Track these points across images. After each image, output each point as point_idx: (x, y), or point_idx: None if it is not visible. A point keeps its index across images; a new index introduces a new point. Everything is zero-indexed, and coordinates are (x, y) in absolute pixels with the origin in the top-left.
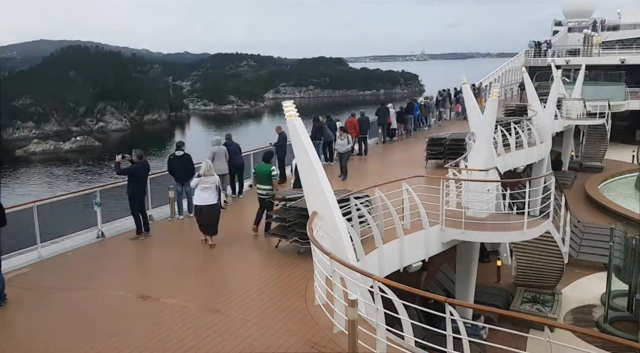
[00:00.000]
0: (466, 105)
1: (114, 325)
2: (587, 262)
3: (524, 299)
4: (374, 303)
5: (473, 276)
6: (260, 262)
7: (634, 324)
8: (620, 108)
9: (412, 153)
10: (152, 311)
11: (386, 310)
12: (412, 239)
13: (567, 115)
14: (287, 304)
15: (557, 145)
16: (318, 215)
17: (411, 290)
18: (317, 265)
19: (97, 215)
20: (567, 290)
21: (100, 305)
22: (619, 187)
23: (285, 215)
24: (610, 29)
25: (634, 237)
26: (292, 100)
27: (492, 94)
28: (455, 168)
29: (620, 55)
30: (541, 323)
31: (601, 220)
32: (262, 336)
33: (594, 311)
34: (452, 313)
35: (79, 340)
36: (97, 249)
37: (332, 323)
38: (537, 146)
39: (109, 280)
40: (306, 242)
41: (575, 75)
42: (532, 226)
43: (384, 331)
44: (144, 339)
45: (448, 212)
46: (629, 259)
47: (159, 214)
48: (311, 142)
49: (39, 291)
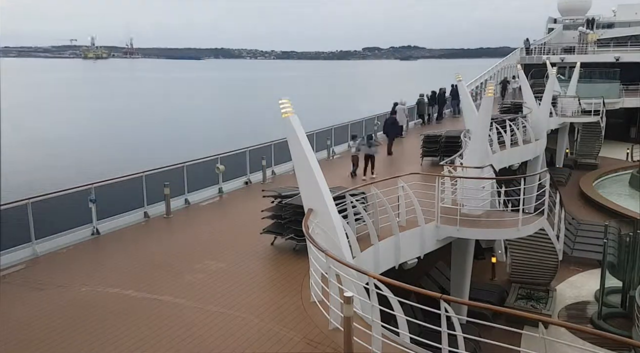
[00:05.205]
0: (462, 102)
1: (109, 322)
2: (581, 259)
3: (519, 296)
4: (369, 300)
5: (468, 273)
6: (256, 259)
7: (628, 320)
8: (615, 106)
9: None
10: (147, 308)
11: (381, 306)
12: (408, 236)
13: (562, 112)
14: (282, 301)
15: (552, 143)
16: (314, 212)
17: (406, 287)
18: (312, 262)
19: (92, 212)
20: (561, 287)
21: (95, 302)
22: (613, 184)
23: (281, 212)
24: (605, 26)
25: (627, 234)
26: (288, 98)
27: (487, 91)
28: (450, 165)
29: (615, 53)
30: (535, 319)
31: (595, 218)
32: (257, 333)
33: (588, 307)
34: (447, 310)
35: (74, 337)
36: (91, 246)
37: (327, 320)
38: (532, 143)
39: (103, 277)
40: (302, 239)
41: (570, 73)
42: (526, 223)
43: (379, 328)
44: (139, 336)
45: (443, 209)
46: (623, 256)
47: (155, 211)
48: (307, 140)
49: (34, 288)
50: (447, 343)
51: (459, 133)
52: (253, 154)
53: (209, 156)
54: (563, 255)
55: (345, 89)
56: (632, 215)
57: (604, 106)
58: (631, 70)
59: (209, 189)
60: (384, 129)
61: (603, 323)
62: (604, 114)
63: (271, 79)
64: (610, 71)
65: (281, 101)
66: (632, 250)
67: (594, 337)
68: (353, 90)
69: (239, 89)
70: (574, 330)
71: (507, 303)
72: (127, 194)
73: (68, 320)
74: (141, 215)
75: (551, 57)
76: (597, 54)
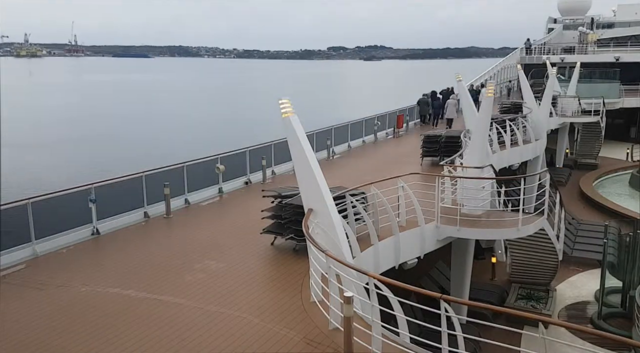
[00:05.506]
0: (462, 103)
1: (109, 322)
2: (581, 259)
3: (519, 296)
4: (369, 300)
5: (468, 273)
6: (256, 259)
7: (628, 321)
8: (615, 106)
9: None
10: (147, 308)
11: (382, 306)
12: (408, 236)
13: (562, 112)
14: (282, 301)
15: (552, 143)
16: (314, 212)
17: (406, 287)
18: (312, 262)
19: (92, 212)
20: (561, 287)
21: (95, 302)
22: (613, 184)
23: (281, 212)
24: (605, 26)
25: (627, 234)
26: (288, 98)
27: (487, 91)
28: (450, 165)
29: (615, 53)
30: (536, 319)
31: (595, 218)
32: (257, 333)
33: (588, 307)
34: (447, 310)
35: (73, 337)
36: (91, 246)
37: (327, 320)
38: (532, 143)
39: (103, 277)
40: (302, 239)
41: (570, 73)
42: (526, 223)
43: (379, 328)
44: (139, 336)
45: (443, 209)
46: (623, 256)
47: (155, 211)
48: (307, 140)
49: (34, 287)
50: (447, 343)
51: (459, 133)
52: (253, 154)
53: (209, 156)
54: (563, 255)
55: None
56: (632, 215)
57: (604, 106)
58: (631, 70)
59: (209, 189)
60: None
61: (603, 323)
62: (604, 114)
63: (190, 82)
64: (610, 71)
65: (281, 101)
66: (632, 250)
67: (594, 337)
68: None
69: (125, 94)
70: (574, 330)
71: (507, 303)
72: (127, 194)
73: (68, 320)
74: (141, 215)
75: (551, 57)
76: (597, 54)
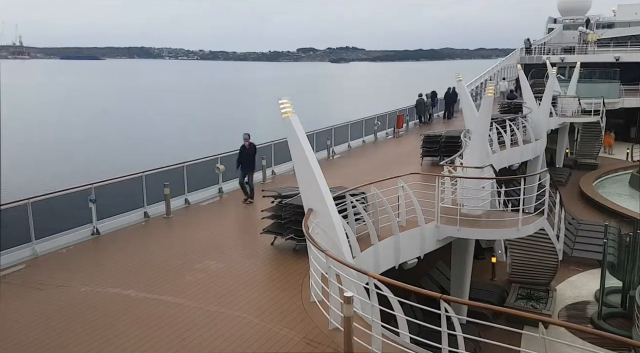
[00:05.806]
0: (461, 103)
1: (109, 322)
2: (581, 259)
3: (519, 296)
4: (369, 300)
5: (468, 273)
6: (256, 259)
7: (628, 321)
8: (615, 105)
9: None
10: (147, 308)
11: (382, 306)
12: (408, 236)
13: (562, 112)
14: (282, 301)
15: (552, 143)
16: (314, 212)
17: (406, 287)
18: (312, 262)
19: (92, 212)
20: (561, 287)
21: (95, 302)
22: (613, 184)
23: (281, 212)
24: (605, 26)
25: (627, 234)
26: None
27: (486, 91)
28: (450, 165)
29: (615, 53)
30: (536, 319)
31: (595, 218)
32: (257, 333)
33: (588, 307)
34: (447, 310)
35: (73, 337)
36: (91, 246)
37: (327, 320)
38: (532, 143)
39: (103, 277)
40: (302, 239)
41: (570, 73)
42: (526, 223)
43: (379, 328)
44: (139, 336)
45: (443, 209)
46: (623, 256)
47: (155, 211)
48: (307, 140)
49: (34, 287)
50: (447, 343)
51: (459, 133)
52: None
53: (209, 156)
54: (563, 255)
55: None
56: (632, 215)
57: (604, 106)
58: (631, 70)
59: (209, 189)
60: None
61: (603, 323)
62: (604, 113)
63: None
64: (610, 71)
65: (281, 101)
66: (632, 250)
67: (594, 337)
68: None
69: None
70: (574, 330)
71: (507, 303)
72: (127, 194)
73: (68, 320)
74: (141, 215)
75: (551, 57)
76: (597, 54)
